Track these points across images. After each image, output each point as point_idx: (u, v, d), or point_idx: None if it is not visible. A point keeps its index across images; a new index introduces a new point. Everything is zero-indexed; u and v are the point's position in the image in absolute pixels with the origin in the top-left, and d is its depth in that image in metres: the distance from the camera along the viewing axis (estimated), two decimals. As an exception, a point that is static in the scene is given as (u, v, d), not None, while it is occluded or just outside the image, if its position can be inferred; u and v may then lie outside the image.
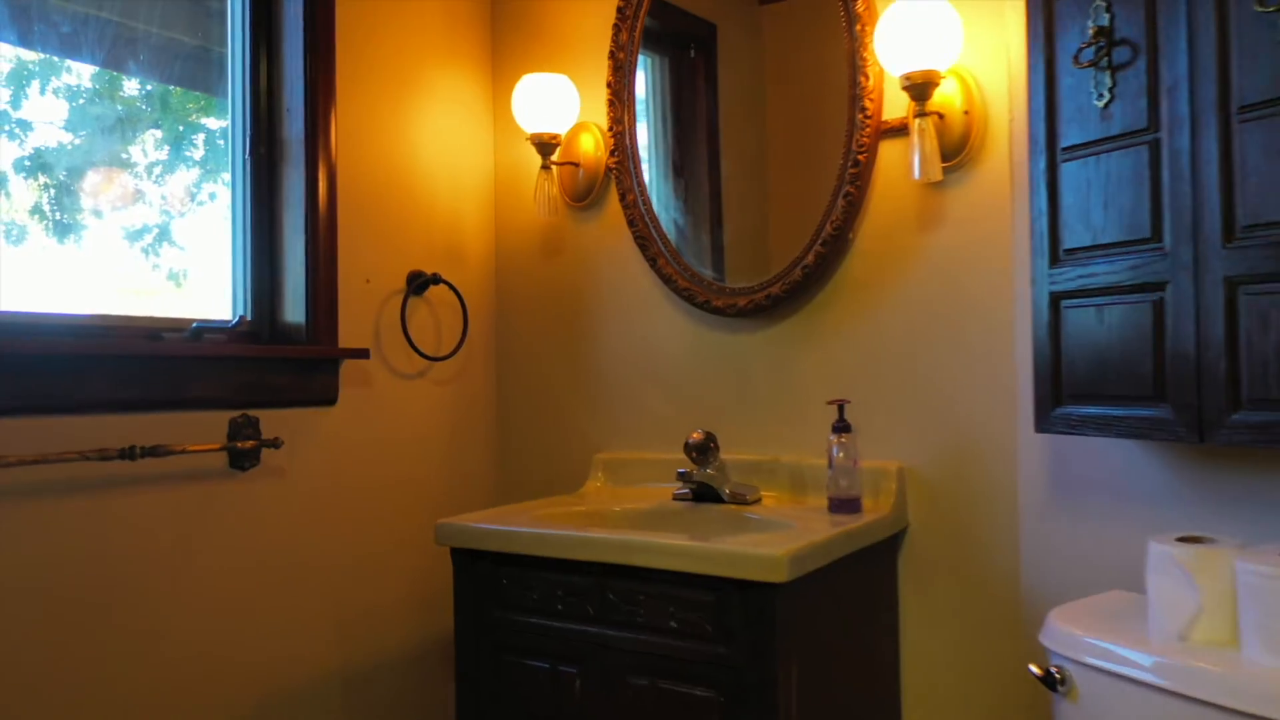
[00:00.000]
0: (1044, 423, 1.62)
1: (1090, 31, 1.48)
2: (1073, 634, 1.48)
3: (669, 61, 2.43)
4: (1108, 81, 1.47)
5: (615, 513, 2.14)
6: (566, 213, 2.49)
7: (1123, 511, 1.69)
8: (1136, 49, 1.44)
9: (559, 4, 2.52)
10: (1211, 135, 1.36)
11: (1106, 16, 1.47)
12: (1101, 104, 1.48)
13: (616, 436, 2.43)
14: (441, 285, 2.42)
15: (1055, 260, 1.59)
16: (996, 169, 1.91)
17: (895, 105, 2.01)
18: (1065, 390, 1.58)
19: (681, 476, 2.14)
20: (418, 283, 2.38)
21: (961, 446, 1.96)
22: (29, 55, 1.90)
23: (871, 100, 2.00)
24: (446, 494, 2.46)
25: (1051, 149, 1.57)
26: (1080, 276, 1.54)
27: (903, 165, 2.01)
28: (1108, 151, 1.48)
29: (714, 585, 1.66)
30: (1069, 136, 1.55)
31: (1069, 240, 1.56)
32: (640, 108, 2.37)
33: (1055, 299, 1.59)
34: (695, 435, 2.13)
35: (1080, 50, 1.50)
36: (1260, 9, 1.27)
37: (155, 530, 1.86)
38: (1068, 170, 1.55)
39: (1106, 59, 1.47)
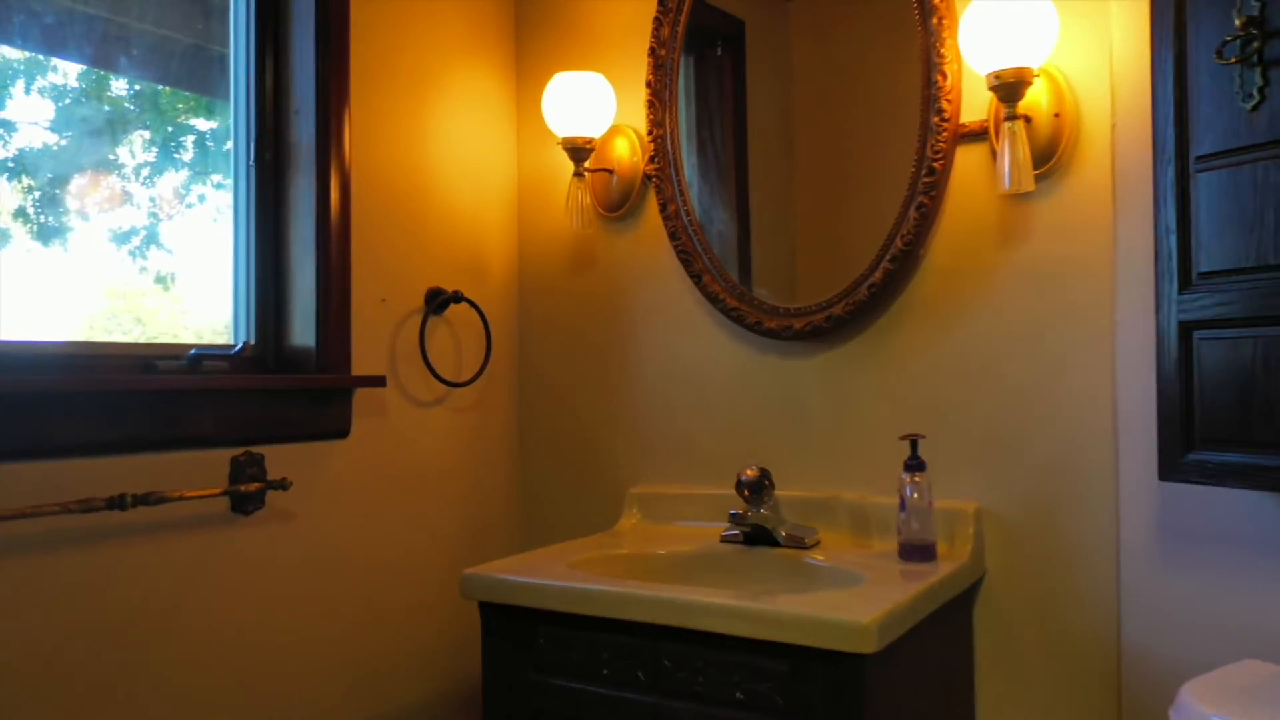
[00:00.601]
0: (1172, 470, 1.41)
1: (1237, 23, 1.28)
2: (1217, 715, 1.28)
3: (703, 61, 2.22)
4: (1257, 80, 1.27)
5: (661, 557, 1.93)
6: (599, 224, 2.28)
7: (1254, 568, 1.49)
8: (1295, 42, 1.24)
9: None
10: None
11: (1257, 5, 1.27)
12: (1250, 106, 1.28)
13: (653, 469, 2.22)
14: (463, 304, 2.21)
15: (1187, 284, 1.38)
16: (1093, 178, 1.70)
17: (973, 107, 1.81)
18: (1200, 433, 1.38)
19: (734, 519, 1.94)
20: (438, 301, 2.16)
21: (1049, 488, 1.75)
22: (13, 54, 1.70)
23: (949, 101, 1.79)
24: (468, 532, 2.25)
25: (1182, 157, 1.37)
26: (1220, 304, 1.34)
27: (981, 173, 1.81)
28: (1259, 160, 1.28)
29: (787, 653, 1.46)
30: (1205, 144, 1.34)
31: (1205, 262, 1.36)
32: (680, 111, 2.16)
33: (1186, 328, 1.39)
34: (749, 472, 1.92)
35: (1224, 45, 1.29)
36: None
37: (148, 586, 1.64)
38: (1203, 181, 1.35)
39: (1257, 55, 1.26)
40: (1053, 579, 1.75)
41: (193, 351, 1.77)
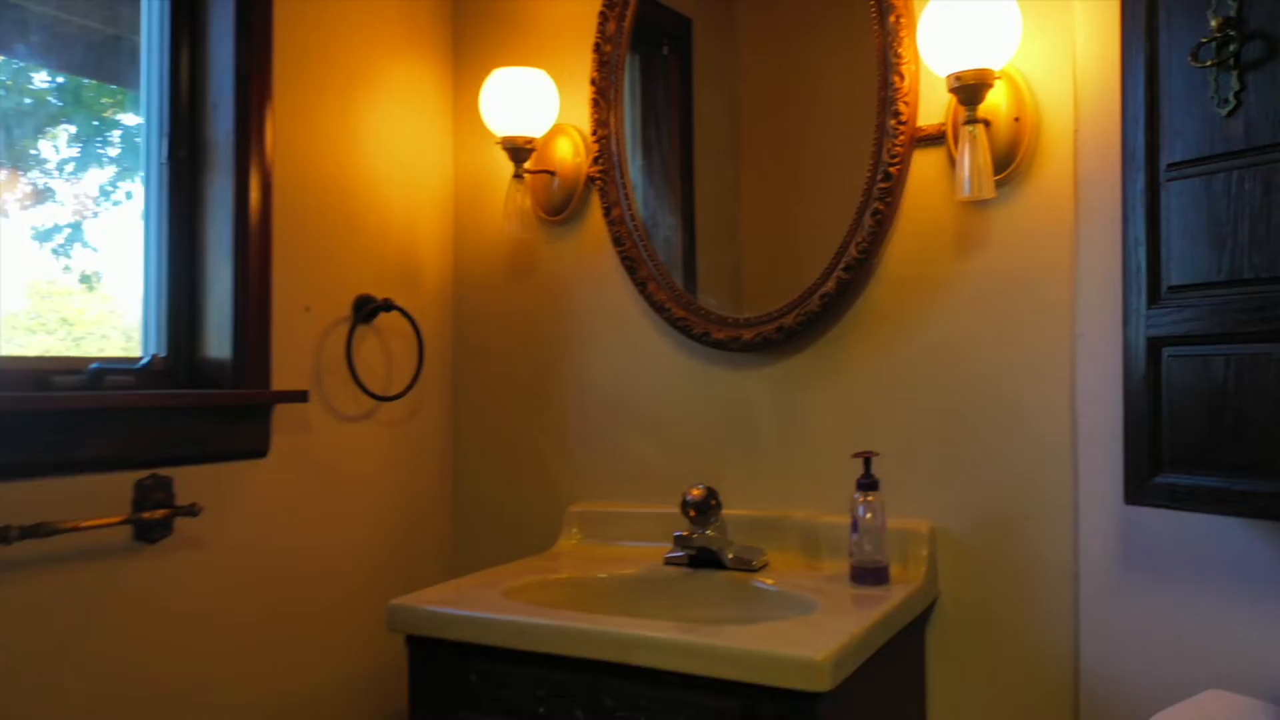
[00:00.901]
0: (1139, 493, 1.34)
1: (1213, 24, 1.21)
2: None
3: (650, 59, 2.12)
4: (1234, 84, 1.20)
5: (601, 582, 1.83)
6: (540, 228, 2.17)
7: (1218, 592, 1.42)
8: (1275, 45, 1.16)
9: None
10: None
11: (1234, 5, 1.19)
12: (1225, 111, 1.21)
13: (594, 486, 2.11)
14: (394, 312, 2.08)
15: (1156, 298, 1.31)
16: (1054, 186, 1.63)
17: (931, 110, 1.73)
18: (1168, 455, 1.31)
19: (679, 540, 1.84)
20: (367, 310, 2.03)
21: (1007, 507, 1.68)
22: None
23: (907, 103, 1.71)
24: (399, 555, 2.12)
25: (1153, 165, 1.30)
26: (1191, 320, 1.27)
27: (939, 178, 1.73)
28: (1234, 169, 1.21)
29: (736, 691, 1.36)
30: (1177, 150, 1.27)
31: (1175, 276, 1.29)
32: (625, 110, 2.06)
33: (1155, 345, 1.31)
34: (695, 491, 1.82)
35: (1199, 47, 1.22)
36: None
37: (40, 624, 1.49)
38: (1174, 191, 1.28)
39: (1234, 58, 1.19)
40: (1009, 602, 1.67)
41: (93, 365, 1.63)
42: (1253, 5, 1.18)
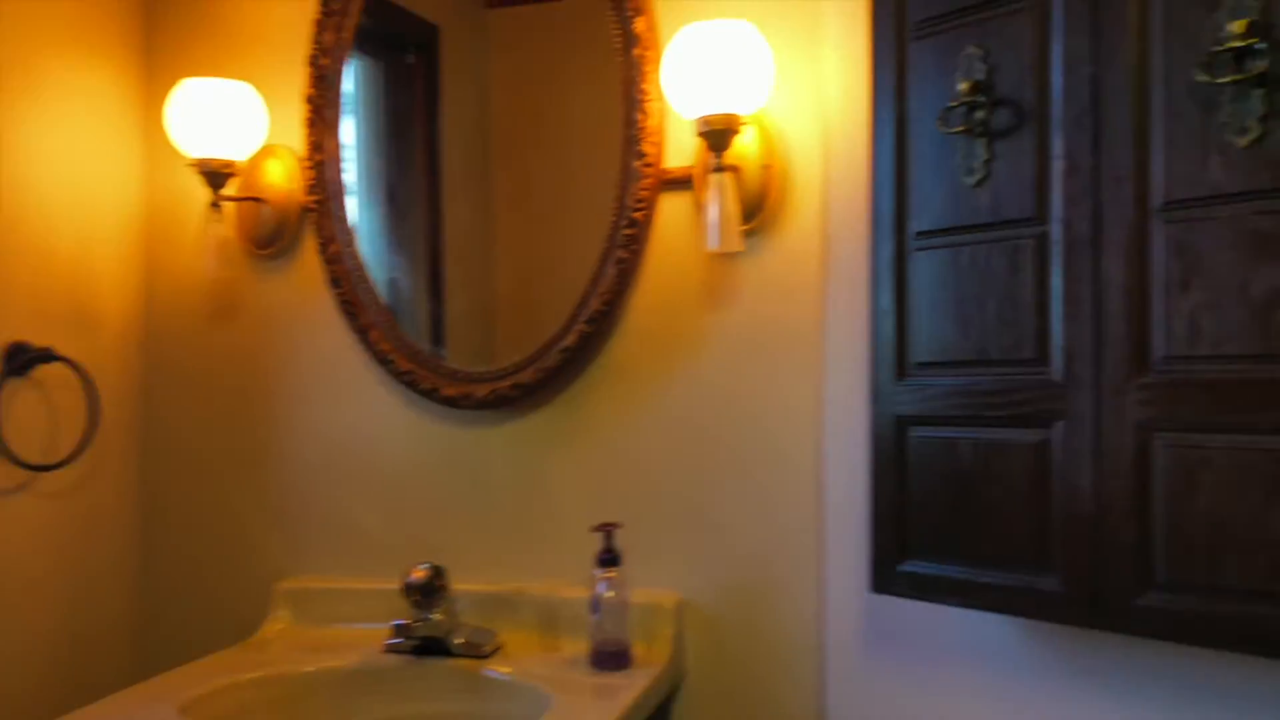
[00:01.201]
0: (884, 581, 1.26)
1: (962, 87, 1.13)
2: None
3: (389, 73, 1.90)
4: (982, 153, 1.13)
5: (308, 678, 1.59)
6: (246, 264, 1.88)
7: (962, 681, 1.37)
8: (1023, 113, 1.10)
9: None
10: (1119, 237, 1.03)
11: (983, 68, 1.12)
12: (973, 181, 1.13)
13: (308, 559, 1.86)
14: (57, 363, 1.74)
15: (903, 373, 1.23)
16: (803, 241, 1.54)
17: (680, 151, 1.60)
18: (914, 541, 1.22)
19: (399, 629, 1.62)
20: (21, 360, 1.69)
21: (754, 579, 1.58)
22: None
23: (653, 145, 1.58)
24: (67, 657, 1.78)
25: (901, 232, 1.21)
26: (937, 398, 1.19)
27: (687, 225, 1.61)
28: (980, 243, 1.14)
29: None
30: (925, 219, 1.19)
31: (923, 350, 1.21)
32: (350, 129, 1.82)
33: (902, 423, 1.23)
34: (417, 573, 1.61)
35: (948, 111, 1.14)
36: (1204, 79, 0.95)
37: None
38: (921, 261, 1.20)
39: (983, 125, 1.12)
40: (756, 681, 1.58)
41: None
42: (1002, 70, 1.11)
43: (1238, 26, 0.92)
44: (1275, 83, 0.91)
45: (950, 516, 1.18)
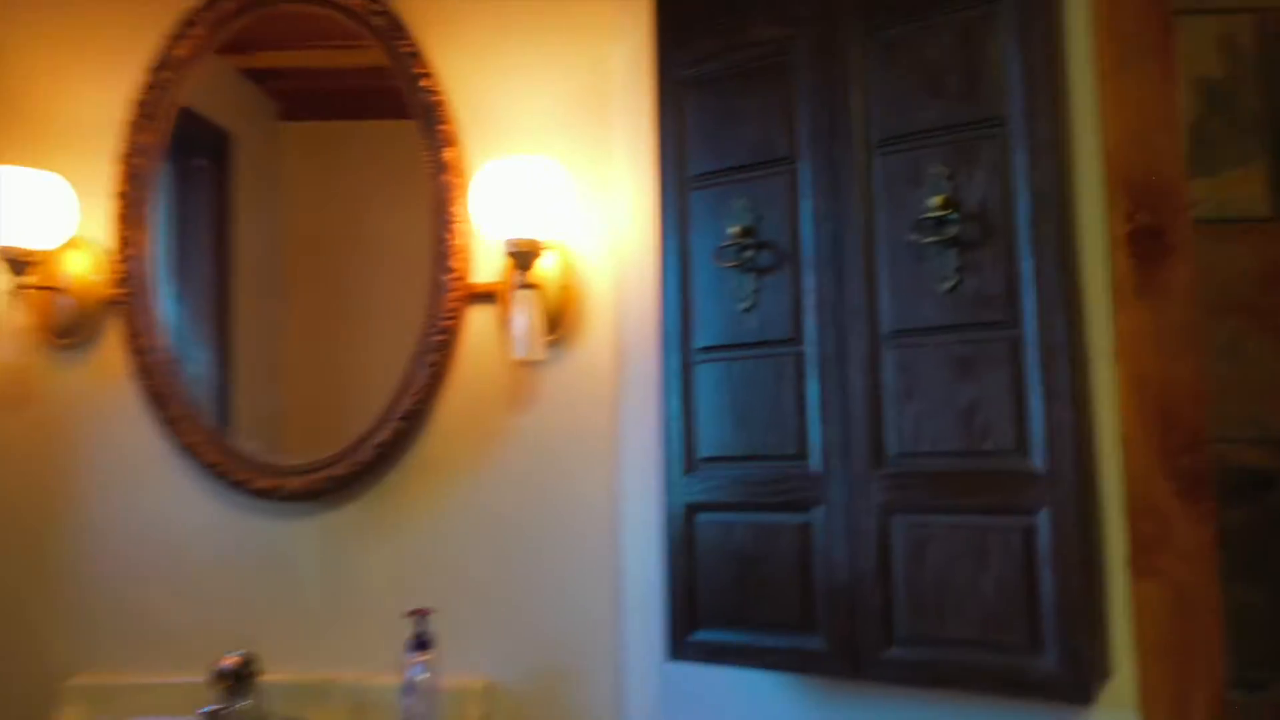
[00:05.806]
0: (678, 649, 1.44)
1: (731, 230, 1.37)
2: None
3: (189, 177, 1.94)
4: (751, 285, 1.37)
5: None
6: (42, 353, 1.88)
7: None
8: (782, 255, 1.35)
9: (60, 81, 1.93)
10: (859, 356, 1.29)
11: (750, 217, 1.37)
12: (744, 307, 1.37)
13: (105, 653, 1.84)
14: None
15: (690, 467, 1.43)
16: (598, 352, 1.74)
17: (487, 268, 1.77)
18: (703, 613, 1.42)
19: (206, 716, 1.64)
20: None
21: (557, 661, 1.72)
22: None
23: (460, 261, 1.74)
24: None
25: (686, 346, 1.43)
26: (719, 487, 1.40)
27: (493, 334, 1.77)
28: (750, 358, 1.37)
29: None
30: (706, 336, 1.42)
31: (706, 447, 1.42)
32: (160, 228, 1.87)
33: (690, 510, 1.43)
34: (228, 660, 1.65)
35: (722, 249, 1.38)
36: (915, 238, 1.23)
37: None
38: (704, 372, 1.42)
39: (751, 261, 1.36)
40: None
41: None
42: (765, 219, 1.36)
43: (937, 200, 1.21)
44: (965, 244, 1.20)
45: (733, 589, 1.39)
